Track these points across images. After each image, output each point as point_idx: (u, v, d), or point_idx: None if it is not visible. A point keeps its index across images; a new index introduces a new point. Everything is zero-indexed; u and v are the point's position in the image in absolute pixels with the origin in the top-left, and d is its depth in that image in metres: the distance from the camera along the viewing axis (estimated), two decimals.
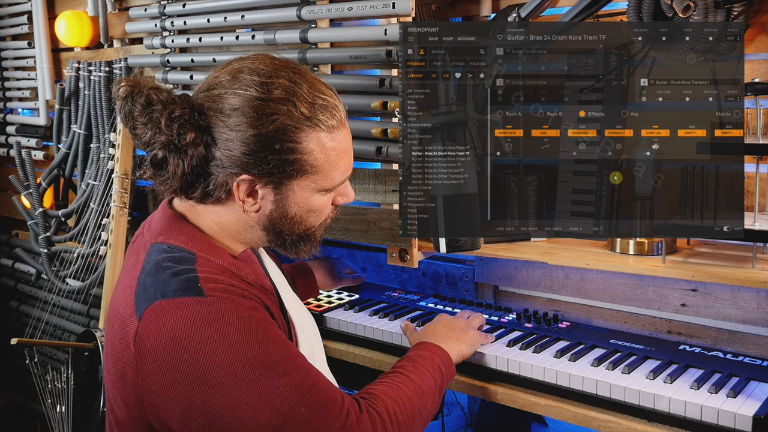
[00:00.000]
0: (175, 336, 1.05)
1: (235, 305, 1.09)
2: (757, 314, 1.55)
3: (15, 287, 2.86)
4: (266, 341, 1.09)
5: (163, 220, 1.23)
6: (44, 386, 2.43)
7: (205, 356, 1.04)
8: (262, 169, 1.14)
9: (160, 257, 1.15)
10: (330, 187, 1.22)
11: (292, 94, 1.13)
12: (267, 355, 1.07)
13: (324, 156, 1.17)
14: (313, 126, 1.15)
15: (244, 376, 1.04)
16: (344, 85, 1.81)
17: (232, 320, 1.07)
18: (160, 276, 1.12)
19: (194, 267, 1.13)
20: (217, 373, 1.04)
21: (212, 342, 1.04)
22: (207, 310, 1.07)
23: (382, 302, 1.91)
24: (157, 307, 1.08)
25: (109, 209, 2.29)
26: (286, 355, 1.11)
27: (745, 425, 1.23)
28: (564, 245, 1.72)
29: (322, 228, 1.29)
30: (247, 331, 1.07)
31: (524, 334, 1.64)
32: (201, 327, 1.05)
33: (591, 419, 1.38)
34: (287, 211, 1.20)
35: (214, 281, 1.12)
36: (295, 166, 1.15)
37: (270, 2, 1.93)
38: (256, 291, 1.18)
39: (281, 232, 1.23)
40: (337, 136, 1.19)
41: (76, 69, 2.52)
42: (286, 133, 1.12)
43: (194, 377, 1.04)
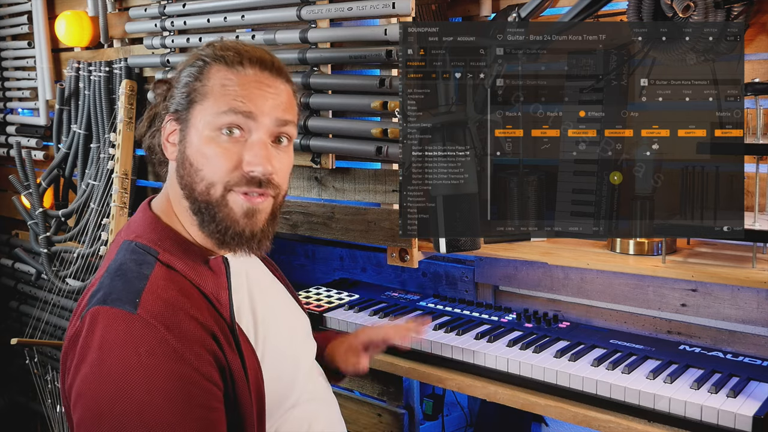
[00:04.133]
0: (92, 344, 1.06)
1: (154, 336, 1.05)
2: (757, 314, 1.55)
3: (15, 287, 2.86)
4: (157, 393, 1.02)
5: (140, 218, 1.24)
6: (44, 386, 2.43)
7: (101, 373, 1.04)
8: (173, 102, 1.20)
9: (125, 258, 1.16)
10: (215, 114, 1.14)
11: (216, 45, 1.21)
12: (148, 408, 1.02)
13: (218, 85, 1.16)
14: (217, 60, 1.18)
15: (117, 411, 1.01)
16: (344, 85, 1.81)
17: (141, 351, 1.03)
18: (114, 280, 1.12)
19: (148, 273, 1.12)
20: (99, 393, 1.03)
21: (112, 363, 1.03)
22: (126, 330, 1.05)
23: (382, 302, 1.91)
24: (94, 312, 1.08)
25: (109, 209, 2.29)
26: (163, 419, 1.02)
27: (745, 425, 1.23)
28: (564, 245, 1.72)
29: (240, 207, 1.15)
30: (148, 370, 1.03)
31: (524, 334, 1.64)
32: (112, 345, 1.04)
33: (591, 419, 1.38)
34: (186, 150, 1.17)
35: (157, 298, 1.09)
36: (192, 94, 1.18)
37: (270, 2, 1.93)
38: (198, 313, 1.11)
39: (191, 191, 1.17)
40: (239, 72, 1.16)
41: (76, 69, 2.52)
42: (194, 67, 1.19)
43: (86, 391, 1.04)
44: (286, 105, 1.19)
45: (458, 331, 1.66)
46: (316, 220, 1.98)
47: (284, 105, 1.19)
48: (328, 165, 1.90)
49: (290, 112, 1.20)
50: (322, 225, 1.97)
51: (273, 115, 1.16)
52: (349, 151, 1.82)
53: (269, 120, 1.16)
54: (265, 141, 1.16)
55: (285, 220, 2.04)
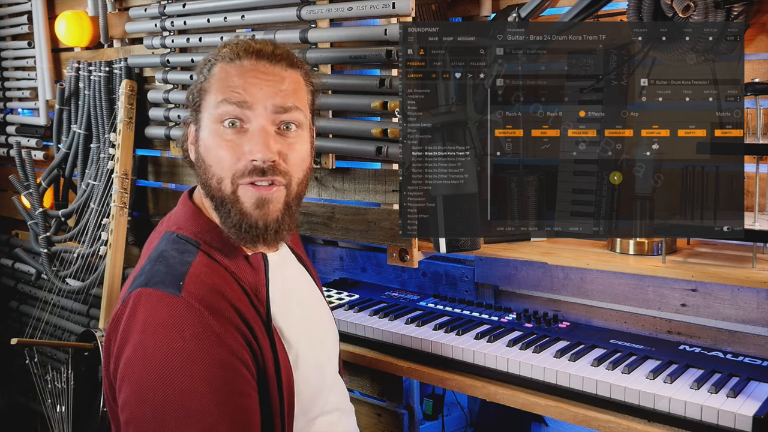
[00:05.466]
0: (134, 327, 1.06)
1: (198, 320, 1.05)
2: (757, 314, 1.55)
3: (15, 287, 2.86)
4: (198, 379, 1.03)
5: (180, 210, 1.25)
6: (44, 386, 2.43)
7: (144, 356, 1.04)
8: (190, 105, 1.23)
9: (167, 246, 1.17)
10: (214, 106, 1.15)
11: (222, 44, 1.23)
12: (189, 394, 1.02)
13: (217, 80, 1.18)
14: (219, 58, 1.20)
15: (159, 396, 1.02)
16: (344, 85, 1.81)
17: (186, 335, 1.04)
18: (156, 265, 1.13)
19: (191, 260, 1.13)
20: (142, 377, 1.04)
21: (156, 347, 1.04)
22: (170, 313, 1.06)
23: (382, 302, 1.91)
24: (136, 294, 1.09)
25: (109, 209, 2.29)
26: (202, 405, 1.03)
27: (745, 425, 1.23)
28: (564, 245, 1.72)
29: (249, 198, 1.15)
30: (191, 355, 1.03)
31: (524, 334, 1.64)
32: (156, 327, 1.05)
33: (591, 419, 1.38)
34: (199, 149, 1.19)
35: (200, 283, 1.09)
36: (200, 94, 1.20)
37: (270, 2, 1.93)
38: (239, 302, 1.12)
39: (208, 189, 1.17)
40: (236, 64, 1.18)
41: (76, 69, 2.52)
42: (203, 68, 1.22)
43: (129, 374, 1.05)
44: (287, 91, 1.18)
45: (458, 331, 1.66)
46: (316, 220, 1.98)
47: (285, 91, 1.17)
48: (328, 165, 1.90)
49: (293, 98, 1.18)
50: (322, 225, 1.97)
51: (269, 102, 1.16)
52: (349, 151, 1.82)
53: (266, 107, 1.15)
54: (265, 128, 1.15)
55: None
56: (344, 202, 1.96)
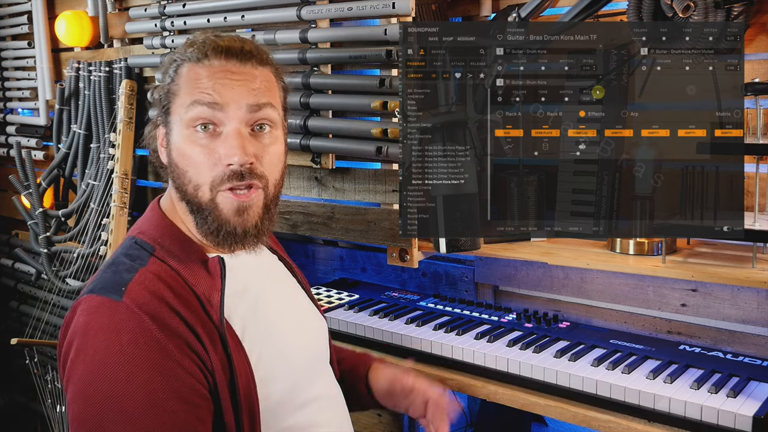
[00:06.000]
0: (77, 330, 1.08)
1: (138, 324, 1.05)
2: (757, 314, 1.55)
3: (15, 287, 2.86)
4: (134, 382, 1.03)
5: (146, 215, 1.25)
6: (44, 386, 2.43)
7: (85, 358, 1.05)
8: (158, 106, 1.21)
9: (121, 252, 1.18)
10: (184, 109, 1.14)
11: (188, 43, 1.20)
12: (127, 396, 1.02)
13: (186, 82, 1.16)
14: (187, 59, 1.17)
15: (99, 396, 1.02)
16: (344, 85, 1.81)
17: (123, 339, 1.04)
18: (106, 272, 1.14)
19: (139, 267, 1.13)
20: (83, 377, 1.05)
21: (96, 349, 1.05)
22: (110, 317, 1.06)
23: (382, 302, 1.91)
24: (82, 301, 1.11)
25: (109, 209, 2.29)
26: (138, 408, 1.02)
27: (745, 425, 1.23)
28: (564, 245, 1.72)
29: (229, 206, 1.14)
30: (128, 357, 1.03)
31: (524, 334, 1.64)
32: (96, 330, 1.06)
33: (591, 419, 1.38)
34: (171, 153, 1.17)
35: (144, 289, 1.09)
36: (169, 96, 1.18)
37: (270, 2, 1.93)
38: (184, 309, 1.10)
39: (184, 193, 1.17)
40: (205, 65, 1.15)
41: (76, 69, 2.52)
42: (170, 69, 1.19)
43: (72, 375, 1.07)
44: (259, 89, 1.16)
45: (458, 331, 1.66)
46: (316, 220, 1.98)
47: (257, 90, 1.16)
48: (328, 165, 1.90)
49: (266, 95, 1.17)
50: (322, 225, 1.97)
51: (242, 102, 1.14)
52: (349, 151, 1.82)
53: (239, 108, 1.14)
54: (239, 130, 1.14)
55: (285, 220, 2.04)
56: (344, 202, 1.96)
